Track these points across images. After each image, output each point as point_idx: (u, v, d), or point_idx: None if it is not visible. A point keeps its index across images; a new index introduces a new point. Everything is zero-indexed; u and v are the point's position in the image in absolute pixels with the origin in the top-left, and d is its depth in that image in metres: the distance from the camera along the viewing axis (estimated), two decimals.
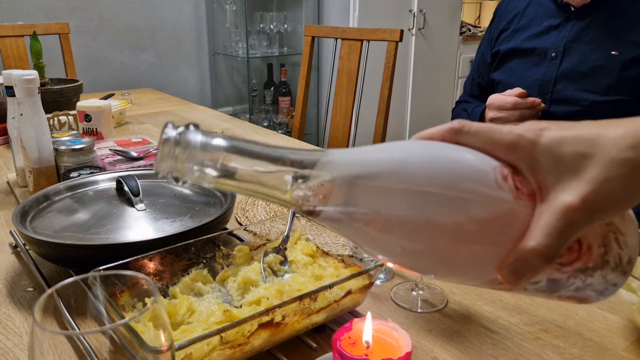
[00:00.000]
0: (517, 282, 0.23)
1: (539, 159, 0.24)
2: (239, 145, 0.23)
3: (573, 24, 0.82)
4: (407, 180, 0.23)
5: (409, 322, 0.47)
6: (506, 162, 0.24)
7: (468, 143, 0.25)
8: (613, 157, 0.23)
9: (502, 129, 0.25)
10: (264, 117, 2.38)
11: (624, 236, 0.26)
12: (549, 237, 0.22)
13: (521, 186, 0.24)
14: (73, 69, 1.61)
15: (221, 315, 0.40)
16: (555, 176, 0.23)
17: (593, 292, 0.26)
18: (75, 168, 0.74)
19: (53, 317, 0.28)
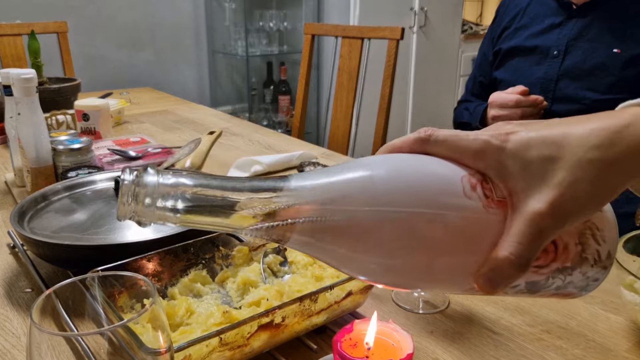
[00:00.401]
0: (493, 291, 0.23)
1: (506, 165, 0.24)
2: (199, 180, 0.22)
3: (575, 22, 0.82)
4: (373, 202, 0.22)
5: (410, 324, 0.47)
6: (475, 169, 0.24)
7: (436, 152, 0.25)
8: (579, 159, 0.23)
9: (468, 136, 0.25)
10: (263, 116, 2.38)
11: (602, 231, 0.26)
12: (520, 245, 0.22)
13: (491, 194, 0.23)
14: (71, 68, 1.60)
15: (220, 317, 0.40)
16: (523, 182, 0.23)
17: (575, 289, 0.26)
18: (73, 168, 0.73)
19: (51, 318, 0.28)
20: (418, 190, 0.23)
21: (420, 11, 2.27)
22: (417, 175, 0.23)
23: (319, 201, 0.23)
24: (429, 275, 0.24)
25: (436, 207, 0.22)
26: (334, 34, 1.44)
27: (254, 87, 2.37)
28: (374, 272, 0.23)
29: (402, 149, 0.26)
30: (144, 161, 0.86)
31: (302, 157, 0.92)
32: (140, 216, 0.22)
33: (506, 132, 0.24)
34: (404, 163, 0.24)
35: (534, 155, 0.23)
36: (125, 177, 0.22)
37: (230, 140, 1.08)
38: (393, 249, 0.23)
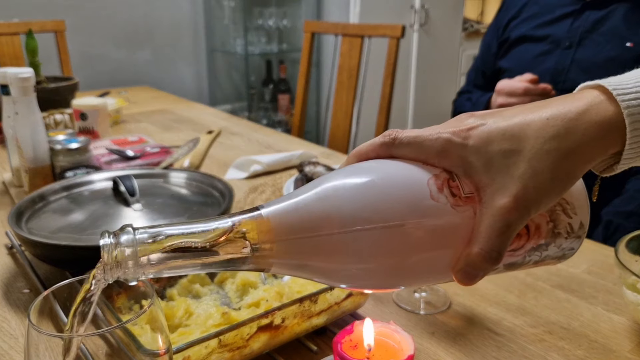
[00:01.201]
0: (471, 283, 0.24)
1: (470, 161, 0.24)
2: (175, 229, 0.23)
3: (589, 14, 0.81)
4: (344, 225, 0.23)
5: (411, 324, 0.47)
6: (441, 168, 0.25)
7: (401, 155, 0.26)
8: (537, 151, 0.23)
9: (430, 136, 0.25)
10: (262, 115, 2.37)
11: (571, 205, 0.26)
12: (490, 240, 0.23)
13: (458, 192, 0.24)
14: (69, 67, 1.60)
15: (220, 318, 0.40)
16: (488, 177, 0.24)
17: (552, 259, 0.27)
18: (71, 167, 0.73)
19: (49, 319, 0.28)
20: (386, 203, 0.23)
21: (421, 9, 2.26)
22: (384, 187, 0.24)
23: (292, 228, 0.23)
24: (410, 276, 0.25)
25: (406, 216, 0.23)
26: (334, 32, 1.43)
27: (253, 86, 2.36)
28: (356, 280, 0.24)
29: (368, 155, 0.27)
30: (143, 160, 0.85)
31: (302, 156, 0.91)
32: (130, 275, 0.23)
33: (467, 128, 0.25)
34: (370, 176, 0.25)
35: (495, 149, 0.24)
36: (104, 240, 0.23)
37: (229, 140, 1.08)
38: (371, 261, 0.24)
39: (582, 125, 0.24)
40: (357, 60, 1.36)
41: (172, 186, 0.67)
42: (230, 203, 0.59)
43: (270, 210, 0.24)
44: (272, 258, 0.23)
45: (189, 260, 0.23)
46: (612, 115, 0.24)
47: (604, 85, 0.25)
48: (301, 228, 0.23)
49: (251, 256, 0.23)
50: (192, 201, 0.63)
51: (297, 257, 0.24)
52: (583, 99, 0.24)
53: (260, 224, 0.23)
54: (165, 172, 0.70)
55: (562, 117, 0.24)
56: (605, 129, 0.24)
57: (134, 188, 0.60)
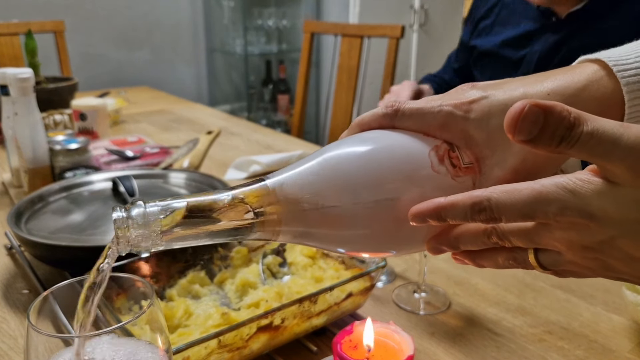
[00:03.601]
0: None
1: (471, 134, 0.25)
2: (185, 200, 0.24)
3: (548, 37, 0.75)
4: (347, 194, 0.24)
5: (411, 325, 0.47)
6: (442, 139, 0.25)
7: (403, 126, 0.26)
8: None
9: (433, 108, 0.25)
10: (262, 115, 2.37)
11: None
12: None
13: (458, 162, 0.25)
14: (68, 67, 1.60)
15: (219, 318, 0.40)
16: (488, 149, 0.24)
17: None
18: (71, 168, 0.73)
19: (49, 319, 0.28)
20: (388, 173, 0.24)
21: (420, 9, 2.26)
22: (386, 157, 0.25)
23: (297, 196, 0.24)
24: (409, 242, 0.26)
25: (408, 186, 0.24)
26: (334, 32, 1.43)
27: (252, 86, 2.36)
28: (357, 245, 0.25)
29: (370, 125, 0.27)
30: (142, 161, 0.85)
31: (301, 156, 0.91)
32: (137, 241, 0.23)
33: (469, 101, 0.25)
34: (372, 147, 0.25)
35: (496, 123, 0.24)
36: (117, 214, 0.24)
37: (228, 140, 1.07)
38: (374, 228, 0.24)
39: (582, 101, 0.24)
40: (356, 60, 1.36)
41: (172, 187, 0.67)
42: None
43: (275, 180, 0.24)
44: (277, 226, 0.24)
45: (198, 228, 0.23)
46: (611, 91, 0.24)
47: (604, 60, 0.25)
48: (305, 198, 0.24)
49: (257, 224, 0.24)
50: None
51: (302, 225, 0.24)
52: (582, 74, 0.25)
53: (266, 193, 0.24)
54: (165, 173, 0.70)
55: (562, 92, 0.24)
56: (604, 105, 0.24)
57: (133, 188, 0.60)
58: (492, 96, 0.25)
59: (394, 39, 1.28)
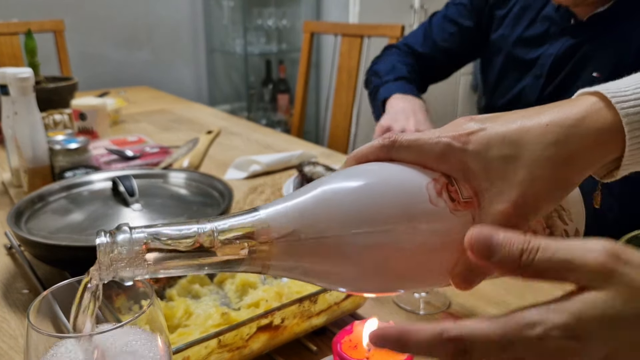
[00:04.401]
0: (468, 288, 0.24)
1: (469, 166, 0.24)
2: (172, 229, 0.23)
3: (564, 41, 0.72)
4: (342, 228, 0.23)
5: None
6: (440, 172, 0.25)
7: (401, 158, 0.26)
8: (537, 157, 0.23)
9: (430, 139, 0.25)
10: (262, 115, 2.37)
11: (567, 211, 0.27)
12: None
13: (457, 196, 0.24)
14: (68, 67, 1.60)
15: (219, 318, 0.40)
16: (487, 182, 0.24)
17: None
18: (71, 168, 0.73)
19: (48, 319, 0.28)
20: (384, 207, 0.23)
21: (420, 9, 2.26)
22: (382, 191, 0.24)
23: (291, 230, 0.23)
24: (407, 279, 0.25)
25: (404, 220, 0.23)
26: (334, 32, 1.43)
27: (252, 86, 2.36)
28: (353, 283, 0.25)
29: (368, 158, 0.26)
30: (142, 161, 0.85)
31: (301, 156, 0.91)
32: (119, 270, 0.23)
33: (467, 133, 0.25)
34: (369, 179, 0.25)
35: (495, 155, 0.24)
36: (100, 239, 0.23)
37: (228, 140, 1.07)
38: (369, 264, 0.23)
39: (580, 132, 0.24)
40: (356, 60, 1.36)
41: (172, 186, 0.67)
42: (230, 203, 0.59)
43: (269, 212, 0.24)
44: (269, 260, 0.23)
45: (186, 261, 0.23)
46: (610, 122, 0.24)
47: (602, 92, 0.25)
48: (299, 230, 0.23)
49: (248, 257, 0.23)
50: (192, 201, 0.63)
51: (294, 260, 0.23)
52: (581, 106, 0.24)
53: (259, 225, 0.23)
54: (165, 173, 0.70)
55: (561, 123, 0.24)
56: (604, 136, 0.24)
57: (133, 188, 0.60)
58: (490, 128, 0.24)
59: (394, 38, 1.28)
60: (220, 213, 0.57)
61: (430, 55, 0.89)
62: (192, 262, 0.23)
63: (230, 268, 0.23)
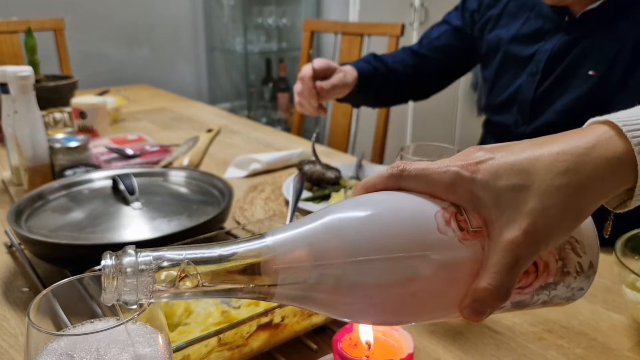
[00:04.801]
0: (478, 320, 0.24)
1: (478, 195, 0.24)
2: (175, 247, 0.23)
3: (560, 37, 0.72)
4: (349, 256, 0.23)
5: None
6: (449, 201, 0.25)
7: (409, 187, 0.26)
8: (547, 187, 0.23)
9: (439, 168, 0.25)
10: (262, 113, 2.37)
11: (581, 243, 0.26)
12: (498, 275, 0.23)
13: (466, 225, 0.24)
14: (68, 65, 1.60)
15: (219, 317, 0.40)
16: (497, 211, 0.24)
17: (561, 300, 0.27)
18: (71, 166, 0.73)
19: (49, 317, 0.28)
20: (392, 237, 0.23)
21: (420, 7, 2.26)
22: (390, 220, 0.24)
23: (298, 258, 0.23)
24: (415, 311, 0.24)
25: (412, 249, 0.23)
26: (334, 31, 1.43)
27: (252, 84, 2.36)
28: (360, 314, 0.24)
29: (376, 187, 0.26)
30: (142, 159, 0.85)
31: (301, 155, 0.91)
32: (123, 294, 0.22)
33: (476, 162, 0.25)
34: (377, 209, 0.24)
35: (504, 184, 0.24)
36: (106, 262, 0.22)
37: (228, 138, 1.07)
38: (377, 294, 0.23)
39: (592, 161, 0.23)
40: (356, 58, 1.36)
41: (172, 185, 0.67)
42: (230, 202, 0.59)
43: (276, 239, 0.23)
44: (275, 288, 0.23)
45: (190, 290, 0.23)
46: (622, 151, 0.24)
47: (613, 121, 0.24)
48: (306, 258, 0.23)
49: (254, 286, 0.23)
50: (192, 200, 0.63)
51: (300, 289, 0.23)
52: (592, 135, 0.24)
53: (266, 253, 0.23)
54: (165, 171, 0.70)
55: (572, 152, 0.24)
56: (615, 165, 0.23)
57: (133, 187, 0.60)
58: (499, 157, 0.24)
59: (394, 37, 1.28)
60: (221, 211, 0.57)
61: (426, 54, 0.92)
62: (197, 290, 0.23)
63: (235, 295, 0.23)
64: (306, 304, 0.24)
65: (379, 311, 0.24)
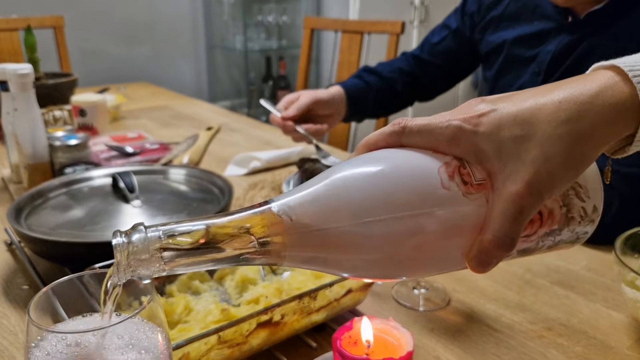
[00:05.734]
0: (484, 270, 0.24)
1: (481, 148, 0.24)
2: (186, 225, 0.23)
3: (563, 37, 0.72)
4: (355, 216, 0.23)
5: (410, 321, 0.47)
6: (452, 155, 0.25)
7: (411, 144, 0.25)
8: (549, 135, 0.23)
9: (441, 123, 0.25)
10: (262, 111, 2.37)
11: (584, 188, 0.26)
12: (503, 226, 0.23)
13: (469, 179, 0.24)
14: (68, 63, 1.59)
15: (219, 314, 0.40)
16: (500, 163, 0.23)
17: (566, 244, 0.27)
18: (70, 164, 0.73)
19: (49, 315, 0.28)
20: (396, 194, 0.23)
21: (420, 5, 2.25)
22: (394, 177, 0.24)
23: (304, 222, 0.23)
24: (423, 263, 0.25)
25: (418, 207, 0.23)
26: (334, 28, 1.43)
27: (252, 82, 2.36)
28: (368, 269, 0.24)
29: (378, 144, 0.26)
30: (142, 157, 0.85)
31: (301, 153, 0.91)
32: (138, 268, 0.23)
33: (478, 114, 0.24)
34: (379, 166, 0.24)
35: (507, 135, 0.23)
36: (117, 240, 0.23)
37: (228, 136, 1.07)
38: (383, 251, 0.24)
39: (595, 108, 0.23)
40: (356, 56, 1.35)
41: (172, 182, 0.67)
42: (230, 199, 0.59)
43: (281, 204, 0.24)
44: (284, 251, 0.23)
45: (200, 257, 0.23)
46: (626, 97, 0.23)
47: (619, 66, 0.24)
48: (312, 221, 0.23)
49: (263, 250, 0.23)
50: (192, 197, 0.63)
51: (308, 250, 0.23)
52: (596, 80, 0.24)
53: (271, 218, 0.23)
54: (165, 169, 0.70)
55: (575, 99, 0.23)
56: (619, 111, 0.23)
57: (133, 184, 0.60)
58: (501, 108, 0.24)
59: (394, 35, 1.28)
60: (220, 210, 0.57)
61: (428, 59, 0.93)
62: (207, 257, 0.23)
63: (246, 262, 0.24)
64: (316, 265, 0.24)
65: (386, 266, 0.24)
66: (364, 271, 0.24)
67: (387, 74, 0.91)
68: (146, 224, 0.23)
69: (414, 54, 0.94)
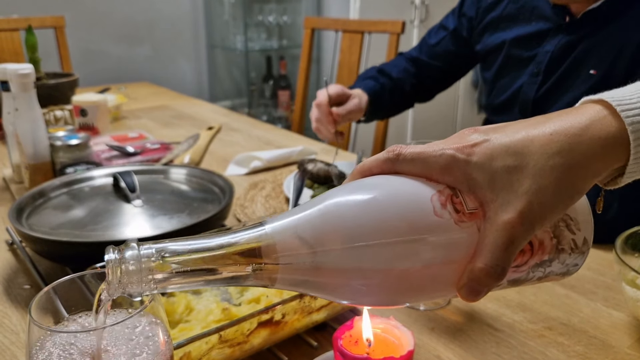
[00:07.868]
0: (475, 299, 0.24)
1: (474, 177, 0.24)
2: (179, 245, 0.23)
3: (560, 38, 0.72)
4: (348, 241, 0.23)
5: (411, 320, 0.47)
6: (444, 184, 0.25)
7: (405, 171, 0.26)
8: (541, 167, 0.23)
9: (434, 152, 0.25)
10: (262, 111, 2.37)
11: (575, 220, 0.26)
12: (494, 256, 0.23)
13: (462, 207, 0.24)
14: (69, 63, 1.59)
15: (220, 314, 0.40)
16: (492, 193, 0.24)
17: (556, 275, 0.27)
18: (71, 164, 0.73)
19: (50, 314, 0.28)
20: (389, 220, 0.23)
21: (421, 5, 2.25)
22: (387, 203, 0.24)
23: (296, 245, 0.23)
24: (414, 292, 0.25)
25: (410, 233, 0.23)
26: (334, 28, 1.43)
27: (253, 82, 2.36)
28: (359, 296, 0.25)
29: (372, 171, 0.27)
30: (143, 157, 0.85)
31: (301, 153, 0.91)
32: (129, 286, 0.23)
33: (471, 144, 0.25)
34: (373, 193, 0.25)
35: (499, 165, 0.24)
36: (109, 256, 0.23)
37: (229, 136, 1.07)
38: (374, 277, 0.24)
39: (585, 141, 0.24)
40: (357, 56, 1.35)
41: (172, 182, 0.67)
42: (231, 199, 0.59)
43: (274, 227, 0.24)
44: (275, 274, 0.24)
45: (192, 278, 0.23)
46: (615, 130, 0.24)
47: (607, 100, 0.24)
48: (304, 245, 0.23)
49: (255, 273, 0.23)
50: (193, 197, 0.63)
51: (300, 274, 0.24)
52: (585, 114, 0.24)
53: (265, 240, 0.23)
54: (166, 169, 0.70)
55: (566, 132, 0.24)
56: (609, 144, 0.24)
57: (134, 184, 0.60)
58: (494, 139, 0.24)
59: (395, 34, 1.28)
60: (221, 209, 0.57)
61: (427, 61, 0.93)
62: (198, 279, 0.23)
63: (236, 283, 0.24)
64: (306, 289, 0.24)
65: (376, 293, 0.24)
66: (354, 296, 0.25)
67: (396, 76, 0.92)
68: (138, 242, 0.23)
69: (412, 54, 0.95)
